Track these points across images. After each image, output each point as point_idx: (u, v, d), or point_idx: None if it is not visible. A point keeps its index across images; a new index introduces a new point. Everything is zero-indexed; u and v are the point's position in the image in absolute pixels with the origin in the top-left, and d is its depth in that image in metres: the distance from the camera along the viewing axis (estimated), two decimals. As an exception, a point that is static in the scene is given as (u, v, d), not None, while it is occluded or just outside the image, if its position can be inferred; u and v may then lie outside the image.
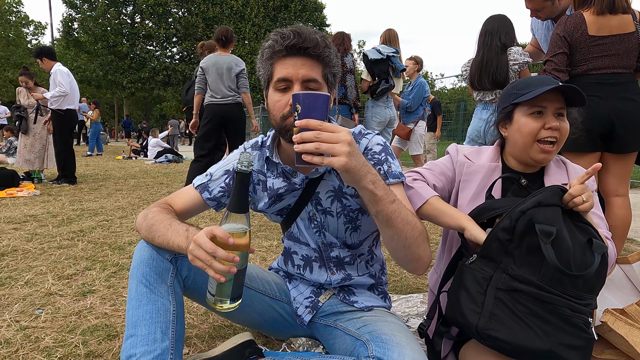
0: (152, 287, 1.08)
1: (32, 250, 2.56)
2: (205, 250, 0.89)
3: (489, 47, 2.94)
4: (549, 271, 1.05)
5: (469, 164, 1.42)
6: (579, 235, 1.07)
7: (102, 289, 1.97)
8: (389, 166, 1.19)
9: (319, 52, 1.08)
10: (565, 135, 1.28)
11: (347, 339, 1.24)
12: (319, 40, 1.08)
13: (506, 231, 1.09)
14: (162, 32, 24.39)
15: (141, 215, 1.19)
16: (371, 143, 1.23)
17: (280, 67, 1.09)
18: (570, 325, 1.02)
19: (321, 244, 1.33)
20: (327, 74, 1.13)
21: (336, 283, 1.35)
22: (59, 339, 1.48)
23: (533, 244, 1.06)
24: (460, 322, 1.13)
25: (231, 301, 0.97)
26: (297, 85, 1.09)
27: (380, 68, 4.11)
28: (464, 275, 1.16)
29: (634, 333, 1.05)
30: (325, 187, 1.25)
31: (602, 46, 2.02)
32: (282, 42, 1.06)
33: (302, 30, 1.07)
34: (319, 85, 1.11)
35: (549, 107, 1.26)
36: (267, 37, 1.12)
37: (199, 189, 1.29)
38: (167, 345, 1.03)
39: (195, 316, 1.71)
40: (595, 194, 1.34)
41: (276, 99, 1.12)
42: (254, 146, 1.33)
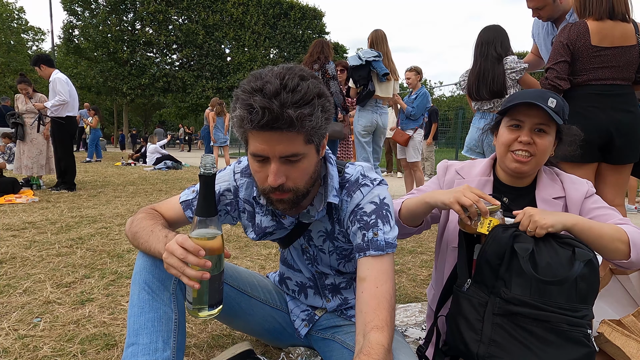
0: (154, 294, 1.07)
1: (30, 257, 2.55)
2: (177, 257, 0.89)
3: (485, 57, 2.98)
4: (536, 287, 1.07)
5: (460, 181, 1.45)
6: (561, 250, 1.09)
7: (100, 297, 1.97)
8: (375, 233, 1.05)
9: (295, 128, 0.90)
10: (543, 151, 1.28)
11: (345, 352, 1.25)
12: (295, 115, 0.88)
13: (496, 255, 1.12)
14: (162, 39, 24.51)
15: (128, 222, 1.17)
16: (365, 200, 1.10)
17: (254, 140, 0.95)
18: (570, 342, 1.03)
19: (315, 272, 1.32)
20: (311, 138, 0.96)
21: (332, 309, 1.35)
22: (58, 348, 1.48)
23: (519, 265, 1.09)
24: (463, 351, 1.15)
25: (209, 308, 0.95)
26: (275, 162, 0.95)
27: (359, 74, 4.05)
28: (461, 302, 1.19)
29: (630, 344, 1.06)
30: (318, 227, 1.21)
31: (603, 57, 2.04)
32: (249, 118, 0.89)
33: (272, 105, 0.87)
34: (301, 155, 0.96)
35: (526, 121, 1.28)
36: (235, 96, 0.94)
37: (182, 205, 1.21)
38: (168, 355, 1.02)
39: (194, 325, 1.71)
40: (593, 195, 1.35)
41: (255, 169, 1.00)
42: (244, 172, 1.22)
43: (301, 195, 1.03)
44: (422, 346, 1.36)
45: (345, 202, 1.12)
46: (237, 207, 1.24)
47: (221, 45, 25.93)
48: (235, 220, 1.28)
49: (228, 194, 1.23)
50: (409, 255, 2.89)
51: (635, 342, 1.06)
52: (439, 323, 1.38)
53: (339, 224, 1.17)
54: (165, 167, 10.25)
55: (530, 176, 1.38)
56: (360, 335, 0.98)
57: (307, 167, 1.00)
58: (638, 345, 1.06)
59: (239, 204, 1.24)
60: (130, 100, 25.98)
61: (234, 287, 1.32)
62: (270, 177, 0.96)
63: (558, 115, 1.26)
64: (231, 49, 26.17)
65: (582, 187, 1.35)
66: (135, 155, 12.65)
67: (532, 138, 1.27)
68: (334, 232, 1.20)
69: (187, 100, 25.50)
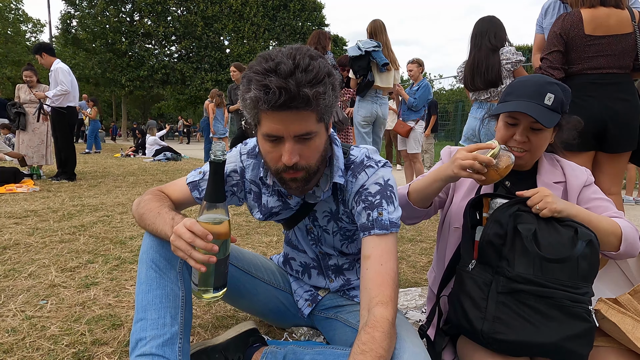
0: (161, 272, 1.09)
1: (34, 244, 2.58)
2: (185, 241, 0.90)
3: (479, 48, 3.02)
4: (539, 265, 1.10)
5: None
6: (563, 230, 1.13)
7: (105, 281, 1.99)
8: (380, 213, 1.09)
9: (311, 106, 0.93)
10: (538, 146, 1.31)
11: (348, 330, 1.28)
12: (311, 93, 0.91)
13: (499, 236, 1.15)
14: (161, 31, 24.37)
15: (135, 203, 1.19)
16: (370, 181, 1.13)
17: (268, 120, 0.96)
18: (572, 317, 1.07)
19: (319, 252, 1.35)
20: (322, 116, 0.99)
21: (335, 289, 1.38)
22: (65, 328, 1.50)
23: (522, 245, 1.12)
24: (467, 328, 1.18)
25: (214, 290, 0.97)
26: (289, 141, 0.97)
27: (359, 64, 4.04)
28: (466, 282, 1.21)
29: (626, 321, 1.09)
30: (322, 207, 1.24)
31: (598, 46, 2.04)
32: (266, 99, 0.90)
33: (289, 85, 0.89)
34: (314, 134, 0.99)
35: (522, 120, 1.29)
36: (247, 79, 0.95)
37: (189, 186, 1.24)
38: (176, 330, 1.05)
39: (199, 307, 1.74)
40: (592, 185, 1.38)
41: (267, 150, 1.02)
42: (250, 153, 1.25)
43: (312, 173, 1.06)
44: (424, 325, 1.39)
45: (351, 183, 1.15)
46: (243, 187, 1.27)
47: (220, 37, 25.80)
48: (241, 202, 1.30)
49: (235, 175, 1.25)
50: (409, 243, 2.92)
51: (631, 319, 1.09)
52: (441, 303, 1.41)
53: (344, 204, 1.20)
54: (164, 158, 10.25)
55: (530, 165, 1.40)
56: (365, 310, 1.00)
57: (319, 145, 1.03)
58: (633, 322, 1.08)
59: (245, 185, 1.26)
60: (129, 92, 25.87)
61: (239, 268, 1.34)
62: (285, 157, 0.98)
63: (556, 111, 1.28)
64: (230, 41, 26.04)
65: (581, 175, 1.37)
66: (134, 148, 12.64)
67: (527, 136, 1.29)
68: (338, 213, 1.22)
69: (186, 92, 25.42)
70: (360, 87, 4.15)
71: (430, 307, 1.47)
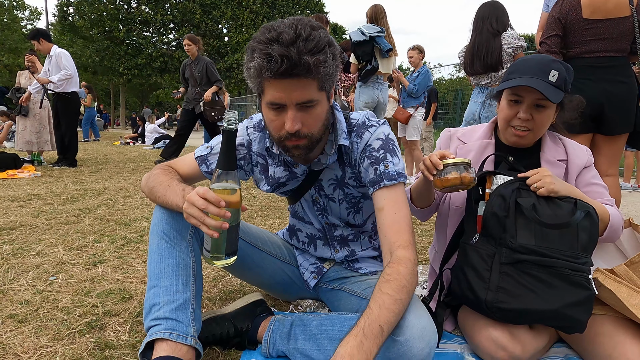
0: (172, 242, 1.12)
1: (39, 225, 2.61)
2: (198, 208, 0.93)
3: (480, 32, 3.03)
4: (540, 234, 1.15)
5: (461, 146, 1.50)
6: (563, 203, 1.18)
7: (112, 259, 2.03)
8: (386, 166, 1.14)
9: (312, 74, 0.97)
10: (541, 125, 1.33)
11: (353, 299, 1.32)
12: (312, 61, 0.94)
13: (502, 209, 1.19)
14: (158, 18, 24.15)
15: (145, 178, 1.23)
16: (372, 138, 1.18)
17: (271, 89, 1.00)
18: (573, 285, 1.11)
19: (325, 223, 1.38)
20: (324, 85, 1.03)
21: (340, 260, 1.42)
22: (76, 301, 1.54)
23: (524, 217, 1.17)
24: (471, 298, 1.23)
25: (226, 257, 1.00)
26: (292, 109, 1.01)
27: (363, 50, 4.01)
28: (469, 254, 1.26)
29: (621, 289, 1.13)
30: (328, 175, 1.27)
31: (595, 29, 2.06)
32: (268, 67, 0.94)
33: (291, 52, 0.92)
34: (315, 103, 1.03)
35: (526, 97, 1.31)
36: (251, 49, 0.99)
37: (197, 160, 1.27)
38: (188, 296, 1.09)
39: (205, 282, 1.78)
40: (592, 167, 1.42)
41: (271, 118, 1.06)
42: (257, 126, 1.28)
43: (315, 141, 1.10)
44: (426, 298, 1.43)
45: (356, 144, 1.21)
46: (250, 160, 1.30)
47: (218, 25, 25.57)
48: (247, 175, 1.33)
49: (242, 149, 1.28)
50: (409, 226, 2.96)
51: (626, 287, 1.13)
52: (443, 277, 1.45)
53: (351, 166, 1.25)
54: (164, 146, 10.24)
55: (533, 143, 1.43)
56: (388, 254, 1.07)
57: (321, 113, 1.07)
58: (629, 290, 1.13)
59: (252, 158, 1.30)
60: (127, 80, 25.73)
61: (246, 241, 1.38)
62: (288, 124, 1.02)
63: (560, 88, 1.30)
64: (229, 29, 25.82)
65: (582, 155, 1.41)
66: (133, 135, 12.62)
67: (531, 114, 1.32)
68: (344, 178, 1.27)
69: (185, 81, 25.26)
70: (365, 72, 4.14)
71: (432, 282, 1.51)
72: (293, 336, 1.19)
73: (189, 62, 6.00)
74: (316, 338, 1.15)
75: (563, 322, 1.13)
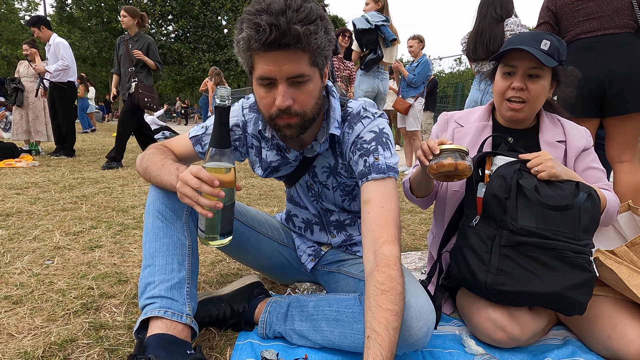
0: (167, 222, 1.11)
1: (36, 211, 2.59)
2: (191, 187, 0.91)
3: (484, 18, 3.00)
4: (542, 216, 1.13)
5: (459, 129, 1.49)
6: (565, 186, 1.16)
7: (109, 244, 2.02)
8: (376, 158, 1.09)
9: (302, 44, 0.93)
10: (536, 96, 1.31)
11: (350, 281, 1.31)
12: (302, 30, 0.90)
13: (503, 190, 1.17)
14: (157, 10, 23.97)
15: (139, 158, 1.20)
16: (365, 130, 1.13)
17: (261, 62, 0.96)
18: (574, 267, 1.10)
19: (320, 209, 1.37)
20: (315, 60, 0.99)
21: (337, 244, 1.40)
22: (72, 283, 1.53)
23: (525, 198, 1.15)
24: (470, 280, 1.21)
25: (221, 237, 0.98)
26: (282, 84, 0.97)
27: (367, 38, 3.95)
28: (469, 236, 1.24)
29: (622, 270, 1.12)
30: (322, 163, 1.24)
31: (586, 9, 1.99)
32: (257, 37, 0.91)
33: (279, 21, 0.89)
34: (307, 78, 0.98)
35: (519, 67, 1.30)
36: (240, 21, 0.95)
37: (192, 140, 1.25)
38: (184, 275, 1.07)
39: (203, 266, 1.77)
40: (591, 151, 1.40)
41: (261, 95, 1.02)
42: (252, 107, 1.25)
43: (308, 120, 1.04)
44: (424, 281, 1.42)
45: (347, 135, 1.16)
46: (245, 142, 1.28)
47: (218, 17, 25.39)
48: (243, 157, 1.31)
49: (237, 129, 1.26)
50: (408, 214, 2.95)
51: (627, 267, 1.12)
52: (442, 260, 1.44)
53: (342, 157, 1.20)
54: (163, 137, 10.22)
55: (529, 119, 1.41)
56: (371, 252, 1.00)
57: (313, 90, 1.02)
58: (629, 270, 1.12)
59: (247, 139, 1.27)
60: (126, 72, 25.57)
61: (243, 223, 1.37)
62: (278, 99, 0.97)
63: (552, 57, 1.28)
64: (228, 21, 25.64)
65: (581, 137, 1.39)
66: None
67: (525, 84, 1.30)
68: (337, 167, 1.23)
69: (184, 73, 25.15)
70: (369, 61, 4.10)
71: (430, 266, 1.50)
72: (290, 317, 1.18)
73: (127, 37, 4.94)
74: (313, 319, 1.14)
75: (563, 304, 1.12)
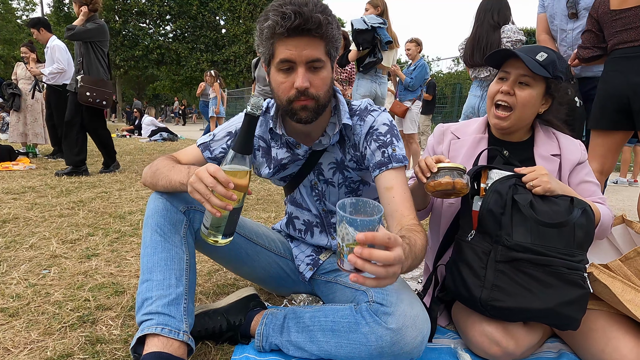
0: (166, 236, 1.12)
1: (33, 218, 2.59)
2: (205, 185, 0.93)
3: (481, 24, 3.02)
4: (537, 232, 1.13)
5: (455, 141, 1.49)
6: (559, 201, 1.17)
7: (105, 252, 2.02)
8: (394, 149, 1.20)
9: (322, 31, 1.05)
10: (523, 104, 1.32)
11: (347, 291, 1.31)
12: (322, 19, 1.04)
13: (499, 205, 1.18)
14: (155, 9, 23.94)
15: (147, 167, 1.24)
16: (377, 122, 1.23)
17: (282, 47, 1.06)
18: (568, 284, 1.11)
19: (322, 210, 1.38)
20: (329, 49, 1.11)
21: (336, 247, 1.41)
22: (69, 294, 1.53)
23: (520, 214, 1.15)
24: (465, 295, 1.22)
25: (223, 237, 1.01)
26: (301, 67, 1.07)
27: (363, 37, 3.94)
28: (465, 251, 1.24)
29: (616, 284, 1.12)
30: (328, 159, 1.30)
31: (624, 19, 1.98)
32: (282, 23, 1.02)
33: (303, 10, 1.02)
34: (322, 64, 1.10)
35: (512, 73, 1.33)
36: (265, 13, 1.07)
37: (200, 147, 1.32)
38: (181, 290, 1.08)
39: (199, 276, 1.77)
40: (586, 164, 1.41)
41: (280, 81, 1.10)
42: None
43: (321, 106, 1.14)
44: (421, 293, 1.43)
45: (359, 126, 1.25)
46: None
47: (216, 17, 25.37)
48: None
49: None
50: (405, 220, 2.95)
51: (621, 282, 1.13)
52: (437, 272, 1.45)
53: (354, 148, 1.27)
54: (161, 138, 10.21)
55: (521, 131, 1.42)
56: (397, 225, 1.11)
57: (326, 77, 1.13)
58: (622, 285, 1.12)
59: (254, 142, 1.33)
60: (124, 72, 25.54)
61: (240, 235, 1.37)
62: (297, 81, 1.07)
63: (546, 69, 1.29)
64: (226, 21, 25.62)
65: (576, 151, 1.40)
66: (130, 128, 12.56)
67: (514, 89, 1.32)
68: (344, 162, 1.29)
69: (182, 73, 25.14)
70: (367, 63, 4.11)
71: (426, 278, 1.50)
72: (286, 329, 1.19)
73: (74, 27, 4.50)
74: (309, 330, 1.15)
75: (557, 320, 1.12)
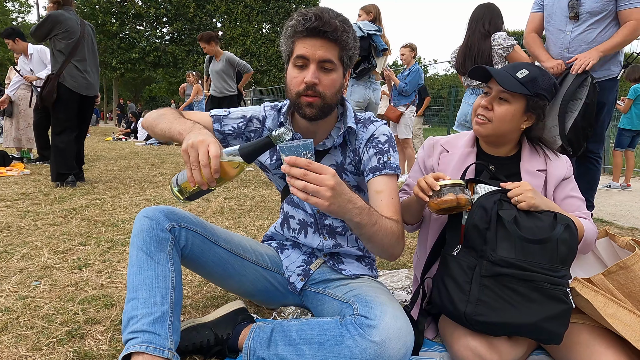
0: (151, 254, 1.13)
1: (25, 226, 2.59)
2: (197, 157, 0.98)
3: (473, 32, 3.04)
4: (520, 248, 1.15)
5: (445, 154, 1.52)
6: (543, 216, 1.19)
7: (97, 263, 2.02)
8: (389, 157, 1.30)
9: (336, 36, 1.16)
10: (499, 118, 1.36)
11: (335, 303, 1.33)
12: (338, 25, 1.16)
13: (484, 221, 1.20)
14: (152, 12, 23.86)
15: (154, 111, 1.32)
16: (378, 131, 1.34)
17: (300, 45, 1.18)
18: (551, 299, 1.12)
19: (317, 211, 1.41)
20: (343, 56, 1.21)
21: (327, 248, 1.44)
22: (58, 308, 1.54)
23: (505, 230, 1.17)
24: (450, 310, 1.23)
25: (185, 199, 1.11)
26: (314, 64, 1.18)
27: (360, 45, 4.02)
28: (450, 265, 1.26)
29: (598, 299, 1.14)
30: (329, 161, 1.37)
31: None
32: (303, 23, 1.15)
33: (323, 14, 1.14)
34: (334, 66, 1.20)
35: (493, 89, 1.38)
36: (291, 16, 1.21)
37: (213, 118, 1.38)
38: (166, 308, 1.09)
39: (190, 288, 1.78)
40: (572, 180, 1.43)
41: (293, 75, 1.21)
42: (273, 107, 1.44)
43: (327, 105, 1.23)
44: (408, 306, 1.44)
45: (362, 132, 1.36)
46: (260, 134, 1.42)
47: (213, 19, 25.33)
48: None
49: (256, 122, 1.42)
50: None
51: (603, 296, 1.14)
52: (425, 285, 1.46)
53: (354, 152, 1.37)
54: (157, 142, 10.19)
55: (507, 146, 1.44)
56: None
57: (335, 80, 1.22)
58: (605, 299, 1.14)
59: (263, 133, 1.41)
60: (120, 74, 25.47)
61: (227, 250, 1.38)
62: (308, 76, 1.18)
63: (525, 86, 1.31)
64: (223, 23, 25.59)
65: (562, 166, 1.42)
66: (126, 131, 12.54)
67: (492, 104, 1.37)
68: (344, 164, 1.38)
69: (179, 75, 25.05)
70: (362, 70, 4.13)
71: (415, 289, 1.52)
72: (273, 342, 1.19)
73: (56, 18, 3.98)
74: (296, 343, 1.16)
75: (540, 334, 1.14)
